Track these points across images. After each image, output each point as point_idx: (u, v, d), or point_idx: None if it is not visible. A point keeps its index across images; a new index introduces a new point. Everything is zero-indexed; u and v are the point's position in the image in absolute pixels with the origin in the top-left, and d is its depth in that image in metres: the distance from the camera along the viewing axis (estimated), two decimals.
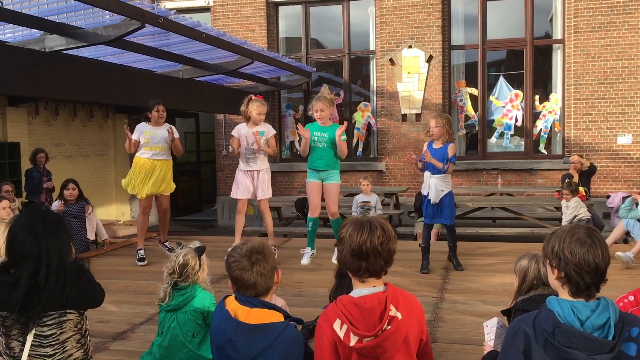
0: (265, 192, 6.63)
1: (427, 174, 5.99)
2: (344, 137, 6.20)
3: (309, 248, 6.53)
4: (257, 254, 2.41)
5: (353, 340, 2.11)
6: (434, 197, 5.92)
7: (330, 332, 2.16)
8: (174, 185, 7.00)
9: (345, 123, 6.11)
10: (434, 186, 5.92)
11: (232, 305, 2.38)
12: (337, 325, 2.15)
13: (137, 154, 6.74)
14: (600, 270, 1.96)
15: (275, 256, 3.38)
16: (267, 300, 2.43)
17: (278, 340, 2.27)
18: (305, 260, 6.46)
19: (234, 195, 6.62)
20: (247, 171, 6.59)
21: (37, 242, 2.57)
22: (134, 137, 6.64)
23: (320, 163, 6.17)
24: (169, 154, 6.83)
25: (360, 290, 2.19)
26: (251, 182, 6.59)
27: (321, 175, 6.23)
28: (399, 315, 2.13)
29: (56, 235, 2.64)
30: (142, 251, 6.84)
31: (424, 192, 6.09)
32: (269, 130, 6.60)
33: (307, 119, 12.68)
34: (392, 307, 2.13)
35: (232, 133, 6.60)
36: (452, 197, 6.07)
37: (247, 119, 6.52)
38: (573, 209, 7.65)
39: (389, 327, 2.10)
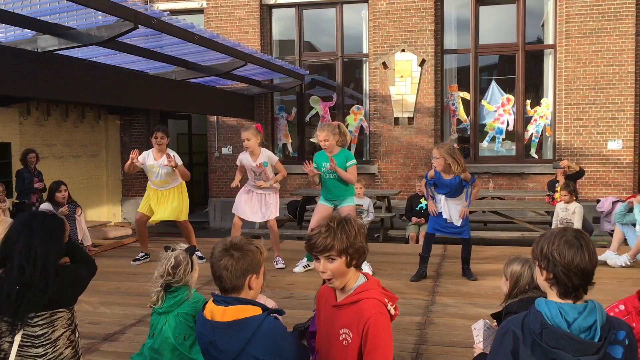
0: (271, 212, 6.70)
1: (442, 197, 5.94)
2: (351, 162, 6.10)
3: (305, 259, 6.54)
4: (234, 249, 2.35)
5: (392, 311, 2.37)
6: (455, 219, 5.88)
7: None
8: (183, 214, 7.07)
9: (332, 161, 5.95)
10: (454, 208, 5.89)
11: (210, 307, 2.36)
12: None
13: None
14: (588, 272, 1.99)
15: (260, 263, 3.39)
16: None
17: (257, 334, 2.24)
18: (298, 269, 6.47)
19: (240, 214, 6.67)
20: (255, 192, 6.70)
21: (30, 237, 2.58)
22: (141, 158, 6.84)
23: (332, 195, 6.16)
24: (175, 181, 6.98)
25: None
26: (258, 202, 6.70)
27: (335, 202, 6.21)
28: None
29: (48, 236, 2.65)
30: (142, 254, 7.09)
31: (439, 210, 6.03)
32: (271, 158, 6.72)
33: (300, 121, 12.71)
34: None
35: (237, 162, 6.74)
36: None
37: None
38: (576, 215, 7.52)
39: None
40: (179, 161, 6.83)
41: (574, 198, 7.53)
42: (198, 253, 6.82)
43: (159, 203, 6.92)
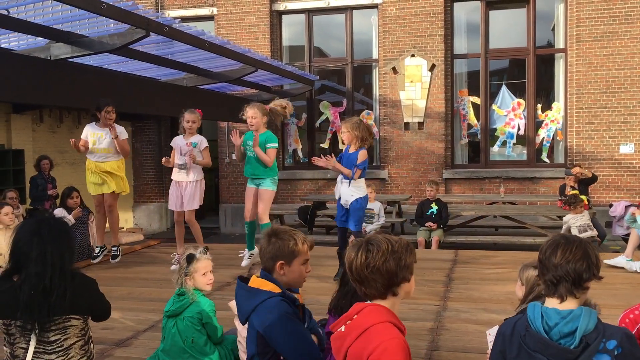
0: (191, 203, 6.67)
1: (339, 177, 5.89)
2: (271, 145, 6.34)
3: (247, 250, 6.81)
4: (273, 235, 2.69)
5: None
6: (343, 202, 5.81)
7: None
8: (115, 185, 7.06)
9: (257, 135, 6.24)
10: (345, 190, 5.81)
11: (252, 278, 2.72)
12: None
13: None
14: (562, 267, 2.02)
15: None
16: None
17: (261, 306, 2.51)
18: (244, 263, 6.67)
19: (170, 206, 6.81)
20: (177, 182, 6.71)
21: (43, 243, 2.59)
22: (82, 136, 6.83)
23: (251, 173, 6.44)
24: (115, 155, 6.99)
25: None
26: (179, 192, 6.69)
27: (256, 182, 6.48)
28: (342, 329, 2.10)
29: (59, 240, 2.66)
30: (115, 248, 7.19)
31: (336, 196, 5.97)
32: (202, 142, 6.74)
33: (310, 127, 12.73)
34: (354, 318, 2.09)
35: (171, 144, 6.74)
36: (360, 203, 5.86)
37: (184, 130, 6.70)
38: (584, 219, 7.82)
39: (342, 330, 2.11)
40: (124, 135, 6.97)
41: (587, 206, 7.79)
42: (114, 249, 7.07)
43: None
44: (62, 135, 11.30)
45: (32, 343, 2.62)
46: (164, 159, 6.63)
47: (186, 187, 6.66)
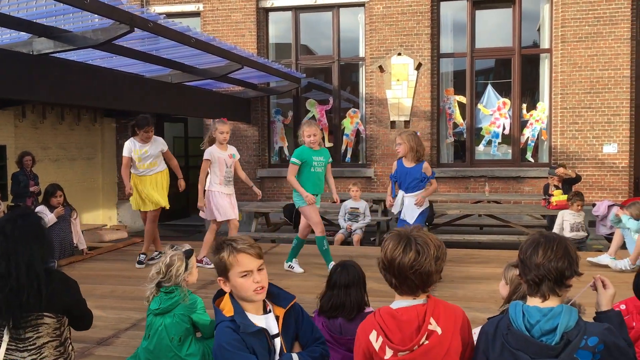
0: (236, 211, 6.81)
1: (401, 193, 5.95)
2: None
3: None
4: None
5: (388, 354, 2.05)
6: (409, 218, 5.88)
7: (365, 343, 2.12)
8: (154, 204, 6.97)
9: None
10: (410, 206, 5.91)
11: None
12: (373, 336, 2.10)
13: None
14: (544, 267, 2.03)
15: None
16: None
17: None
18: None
19: (223, 217, 6.65)
20: (227, 194, 6.73)
21: (7, 242, 2.54)
22: (125, 154, 6.82)
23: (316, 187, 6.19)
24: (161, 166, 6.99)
25: (399, 302, 2.14)
26: (231, 202, 6.75)
27: (318, 197, 6.29)
28: (439, 330, 2.04)
29: (26, 239, 2.60)
30: (143, 256, 6.97)
31: (396, 210, 6.03)
32: (236, 152, 6.85)
33: (297, 125, 12.69)
34: (432, 321, 2.05)
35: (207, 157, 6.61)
36: (426, 212, 6.04)
37: (212, 140, 6.66)
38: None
39: (427, 341, 2.03)
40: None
41: (568, 205, 8.19)
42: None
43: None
44: (45, 132, 11.18)
45: (5, 339, 2.58)
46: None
47: (232, 198, 6.73)
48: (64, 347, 2.77)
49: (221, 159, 6.56)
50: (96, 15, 6.24)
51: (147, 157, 6.77)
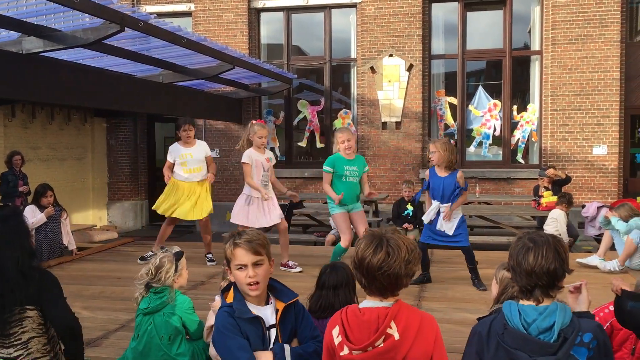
0: (279, 214, 6.55)
1: (435, 204, 5.76)
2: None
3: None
4: None
5: (345, 351, 2.06)
6: (447, 229, 5.72)
7: (329, 337, 2.13)
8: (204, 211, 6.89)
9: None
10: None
11: None
12: (335, 332, 2.12)
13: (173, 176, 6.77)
14: (536, 274, 2.03)
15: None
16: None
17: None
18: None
19: (251, 224, 6.30)
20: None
21: None
22: (169, 159, 6.73)
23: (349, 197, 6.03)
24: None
25: (367, 302, 2.13)
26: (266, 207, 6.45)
27: (348, 207, 6.10)
28: (396, 336, 2.02)
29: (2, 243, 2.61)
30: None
31: (428, 219, 5.82)
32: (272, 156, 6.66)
33: (288, 125, 12.68)
34: (392, 325, 2.03)
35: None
36: (464, 219, 5.88)
37: (249, 143, 6.43)
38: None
39: (382, 344, 2.01)
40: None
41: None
42: (209, 256, 6.80)
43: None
44: (34, 131, 11.11)
45: None
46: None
47: (270, 201, 6.39)
48: (51, 345, 2.76)
49: (259, 162, 6.31)
50: (87, 15, 6.21)
51: (191, 161, 6.69)
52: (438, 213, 5.76)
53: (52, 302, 2.71)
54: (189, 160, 6.67)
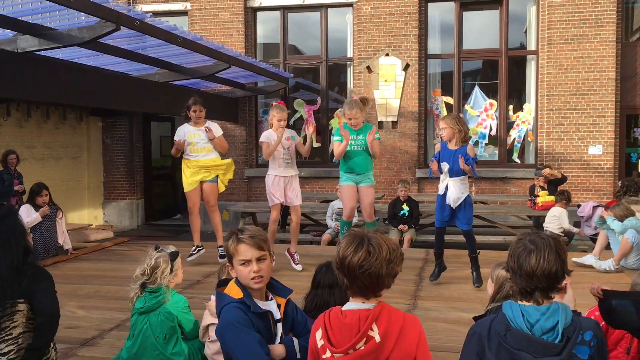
0: (299, 197, 6.62)
1: (443, 176, 5.73)
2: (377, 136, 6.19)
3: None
4: None
5: (327, 354, 2.05)
6: (452, 201, 5.68)
7: (313, 339, 2.14)
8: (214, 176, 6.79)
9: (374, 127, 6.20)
10: (453, 189, 5.67)
11: None
12: (318, 334, 2.12)
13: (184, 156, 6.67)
14: (537, 277, 2.02)
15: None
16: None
17: (221, 311, 2.47)
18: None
19: (271, 202, 6.46)
20: (282, 176, 6.49)
21: None
22: (177, 138, 6.62)
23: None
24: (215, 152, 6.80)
25: (350, 303, 2.12)
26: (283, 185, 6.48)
27: (357, 178, 6.19)
28: (377, 338, 2.01)
29: None
30: (194, 248, 6.86)
31: (441, 192, 5.81)
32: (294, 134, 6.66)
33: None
34: (374, 327, 2.02)
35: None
36: (470, 201, 5.80)
37: (270, 125, 6.51)
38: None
39: (363, 347, 2.01)
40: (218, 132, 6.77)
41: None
42: (220, 250, 6.74)
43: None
44: (29, 130, 11.07)
45: None
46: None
47: (291, 181, 6.45)
48: None
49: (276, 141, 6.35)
50: (82, 13, 6.19)
51: (200, 140, 6.60)
52: (446, 190, 5.73)
53: (41, 292, 2.77)
54: (197, 140, 6.60)
